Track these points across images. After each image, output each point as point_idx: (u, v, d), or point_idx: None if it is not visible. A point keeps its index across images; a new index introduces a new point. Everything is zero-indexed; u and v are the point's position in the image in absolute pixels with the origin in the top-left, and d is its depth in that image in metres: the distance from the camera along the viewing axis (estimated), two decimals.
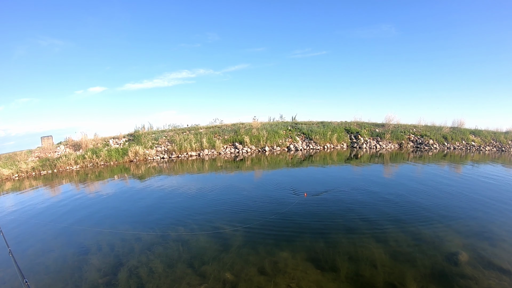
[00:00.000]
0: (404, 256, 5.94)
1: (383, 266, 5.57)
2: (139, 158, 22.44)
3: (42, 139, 24.07)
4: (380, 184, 11.90)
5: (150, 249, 6.74)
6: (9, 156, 21.56)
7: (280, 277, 5.35)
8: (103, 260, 6.43)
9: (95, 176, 17.53)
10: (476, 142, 25.40)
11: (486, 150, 24.09)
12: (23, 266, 6.47)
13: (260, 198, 10.41)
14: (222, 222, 8.28)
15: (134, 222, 8.77)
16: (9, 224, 9.32)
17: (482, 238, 6.72)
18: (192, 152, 23.57)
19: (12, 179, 18.63)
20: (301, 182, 12.98)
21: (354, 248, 6.31)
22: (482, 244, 6.41)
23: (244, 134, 25.48)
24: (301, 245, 6.53)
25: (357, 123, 29.24)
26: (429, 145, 24.53)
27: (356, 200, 9.74)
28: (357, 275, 5.33)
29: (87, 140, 23.52)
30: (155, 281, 5.48)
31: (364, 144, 25.12)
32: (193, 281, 5.40)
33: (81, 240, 7.67)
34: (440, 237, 6.78)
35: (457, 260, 5.69)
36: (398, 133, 26.08)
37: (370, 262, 5.73)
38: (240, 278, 5.38)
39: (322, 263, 5.76)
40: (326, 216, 8.38)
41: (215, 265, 5.87)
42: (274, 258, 6.00)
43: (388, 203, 9.36)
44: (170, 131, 27.36)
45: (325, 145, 25.15)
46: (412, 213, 8.42)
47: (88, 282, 5.66)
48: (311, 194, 10.43)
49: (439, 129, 27.27)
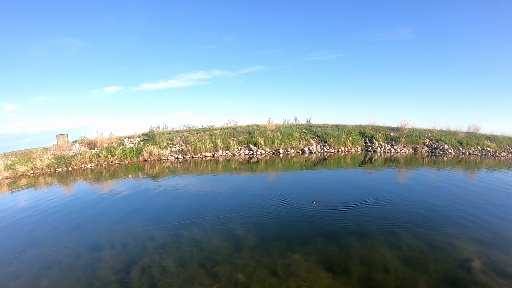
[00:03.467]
0: (417, 261, 6.13)
1: (396, 271, 5.75)
2: (153, 157, 22.97)
3: (58, 137, 24.67)
4: (393, 188, 12.08)
5: (163, 248, 7.01)
6: (24, 153, 22.21)
7: (292, 279, 5.56)
8: (116, 258, 6.70)
9: (110, 174, 18.01)
10: (491, 148, 25.31)
11: (502, 156, 24.00)
12: (36, 261, 6.74)
13: (274, 200, 10.65)
14: (235, 223, 8.55)
15: (147, 220, 9.09)
16: (23, 220, 9.73)
17: (496, 246, 6.86)
18: (206, 153, 24.05)
19: (27, 175, 19.24)
20: (315, 184, 13.26)
21: (367, 252, 6.51)
22: (496, 252, 6.55)
23: (258, 136, 25.83)
24: (313, 248, 6.75)
25: (372, 127, 29.34)
26: (444, 150, 24.51)
27: (369, 204, 9.93)
28: (369, 279, 5.52)
29: (102, 139, 24.17)
30: (167, 280, 5.72)
31: (379, 148, 25.20)
32: (205, 281, 5.62)
33: (94, 237, 7.96)
34: (453, 243, 6.94)
35: (470, 267, 5.84)
36: (413, 138, 26.11)
37: (382, 266, 5.92)
38: (252, 280, 5.60)
39: (335, 266, 5.96)
40: (338, 219, 8.59)
41: (227, 266, 6.10)
42: (287, 261, 6.22)
43: (401, 207, 9.54)
44: (185, 131, 27.93)
45: (339, 148, 25.33)
46: (426, 218, 8.59)
47: (100, 279, 5.92)
48: (323, 199, 10.55)
49: (455, 134, 27.21)
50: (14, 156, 21.62)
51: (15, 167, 19.36)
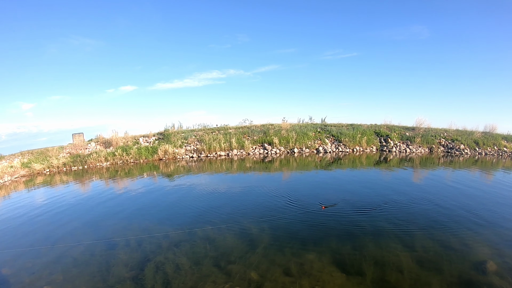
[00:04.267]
0: (431, 263, 6.14)
1: (410, 272, 5.78)
2: (168, 156, 23.37)
3: (74, 136, 25.49)
4: (408, 189, 12.05)
5: (177, 246, 7.17)
6: (41, 152, 22.86)
7: (305, 279, 5.63)
8: (131, 255, 6.88)
9: (125, 173, 18.43)
10: (508, 148, 24.88)
11: None
12: (52, 257, 6.92)
13: (287, 200, 10.74)
14: (249, 222, 8.70)
15: (162, 219, 9.33)
16: (39, 217, 10.07)
17: (511, 248, 6.78)
18: (221, 152, 24.34)
19: (44, 173, 19.77)
20: (329, 185, 13.34)
21: (381, 252, 6.55)
22: (511, 254, 6.46)
23: (273, 135, 25.98)
24: (327, 248, 6.83)
25: (387, 126, 29.13)
26: (460, 150, 24.20)
27: (384, 205, 9.94)
28: (383, 280, 5.56)
29: (118, 137, 24.76)
30: (181, 278, 5.86)
31: (394, 148, 25.04)
32: (219, 279, 5.73)
33: (109, 234, 8.18)
34: (468, 244, 6.93)
35: (485, 269, 5.83)
36: (428, 137, 25.85)
37: (396, 267, 5.95)
38: (266, 279, 5.69)
39: (348, 266, 6.02)
40: (352, 219, 8.64)
41: (241, 265, 6.21)
42: (300, 260, 6.30)
43: (416, 208, 9.52)
44: (200, 130, 28.31)
45: (354, 148, 25.29)
46: (441, 219, 8.56)
47: (115, 276, 6.09)
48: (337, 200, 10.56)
49: (471, 134, 26.83)
50: (31, 155, 22.25)
51: (31, 165, 19.92)
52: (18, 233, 8.80)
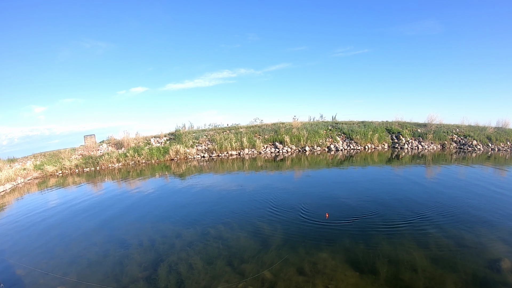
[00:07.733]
0: (445, 261, 6.30)
1: (424, 270, 5.93)
2: (180, 156, 23.82)
3: (85, 138, 26.08)
4: (421, 187, 12.22)
5: (190, 246, 7.39)
6: (53, 154, 23.48)
7: (319, 278, 5.81)
8: (144, 255, 7.11)
9: (137, 173, 18.80)
10: None
11: None
12: (66, 258, 7.14)
13: (300, 199, 10.95)
14: (261, 221, 8.92)
15: (174, 218, 9.61)
16: (52, 217, 10.36)
17: None
18: (232, 151, 24.77)
19: (56, 175, 20.29)
20: (341, 184, 13.50)
21: (395, 251, 6.73)
22: None
23: (284, 133, 26.39)
24: (340, 247, 7.02)
25: (399, 123, 29.28)
26: (472, 146, 24.21)
27: (397, 203, 10.11)
28: (397, 278, 5.72)
29: (129, 139, 25.37)
30: (194, 277, 6.07)
31: (406, 145, 25.20)
32: (232, 278, 5.93)
33: (122, 235, 8.43)
34: (483, 242, 7.08)
35: (500, 267, 5.98)
36: (440, 134, 25.92)
37: (410, 266, 6.12)
38: (279, 278, 5.89)
39: (362, 265, 6.20)
40: (366, 218, 8.80)
41: (254, 264, 6.41)
42: (313, 259, 6.49)
43: (430, 206, 9.66)
44: (211, 130, 28.85)
45: (366, 146, 25.60)
46: (454, 217, 8.71)
47: (128, 276, 6.32)
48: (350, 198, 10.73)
49: (483, 130, 26.83)
50: (43, 157, 22.80)
51: (44, 168, 20.49)
52: (32, 233, 9.12)
